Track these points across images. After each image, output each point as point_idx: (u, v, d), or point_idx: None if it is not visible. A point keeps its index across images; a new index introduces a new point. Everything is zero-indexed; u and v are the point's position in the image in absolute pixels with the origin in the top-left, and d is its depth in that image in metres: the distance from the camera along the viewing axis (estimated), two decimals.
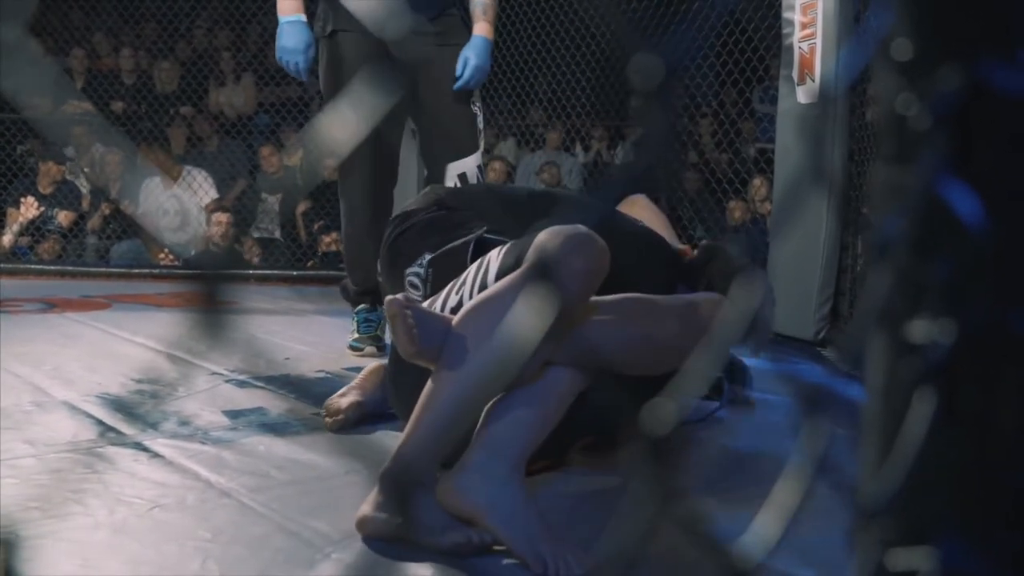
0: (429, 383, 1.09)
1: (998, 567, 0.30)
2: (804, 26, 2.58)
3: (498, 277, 1.20)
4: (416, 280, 1.41)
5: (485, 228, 1.39)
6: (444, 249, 1.39)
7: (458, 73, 2.16)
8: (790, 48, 2.63)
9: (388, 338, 2.32)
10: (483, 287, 1.21)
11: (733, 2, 3.03)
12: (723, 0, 3.09)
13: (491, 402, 1.12)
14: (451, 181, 2.17)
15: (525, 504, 1.03)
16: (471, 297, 1.21)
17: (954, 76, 0.29)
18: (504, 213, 1.45)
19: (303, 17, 2.15)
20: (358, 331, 2.31)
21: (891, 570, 0.31)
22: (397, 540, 1.03)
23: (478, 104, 2.25)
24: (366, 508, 1.04)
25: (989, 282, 0.30)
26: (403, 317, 1.08)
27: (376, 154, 2.14)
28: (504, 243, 1.30)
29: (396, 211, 1.61)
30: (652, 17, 3.54)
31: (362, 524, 1.04)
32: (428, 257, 1.40)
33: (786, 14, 2.66)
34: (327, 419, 1.53)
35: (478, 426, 1.11)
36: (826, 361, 2.34)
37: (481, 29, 2.21)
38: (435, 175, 2.22)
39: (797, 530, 0.33)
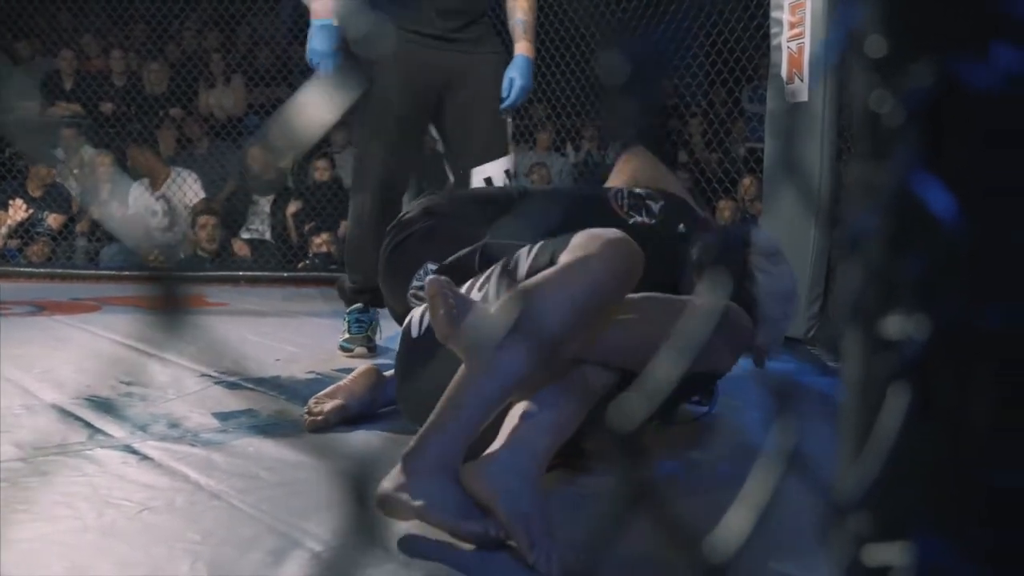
0: (462, 370, 1.10)
1: (973, 562, 0.30)
2: (792, 25, 2.59)
3: (529, 275, 1.21)
4: (422, 293, 1.41)
5: (489, 236, 1.40)
6: (451, 260, 1.39)
7: (504, 94, 2.24)
8: (779, 47, 2.64)
9: (379, 339, 2.33)
10: (511, 285, 1.23)
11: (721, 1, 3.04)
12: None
13: (520, 397, 1.13)
14: (477, 185, 2.20)
15: (536, 498, 1.04)
16: (497, 295, 1.23)
17: (927, 72, 0.29)
18: (486, 217, 1.46)
19: (333, 21, 2.18)
20: (349, 331, 2.31)
21: (866, 565, 0.31)
22: (411, 520, 1.03)
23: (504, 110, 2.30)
24: (388, 486, 1.04)
25: (962, 278, 0.30)
26: (444, 297, 1.10)
27: (392, 159, 2.16)
28: (510, 246, 1.32)
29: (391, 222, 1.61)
30: (640, 17, 3.54)
31: (383, 502, 1.03)
32: (432, 268, 1.41)
33: (774, 13, 2.67)
34: (306, 416, 1.53)
35: (507, 419, 1.12)
36: (816, 359, 2.35)
37: (523, 48, 2.29)
38: (461, 181, 2.25)
39: (772, 525, 0.33)
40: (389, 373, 1.63)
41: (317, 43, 2.14)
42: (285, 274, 4.28)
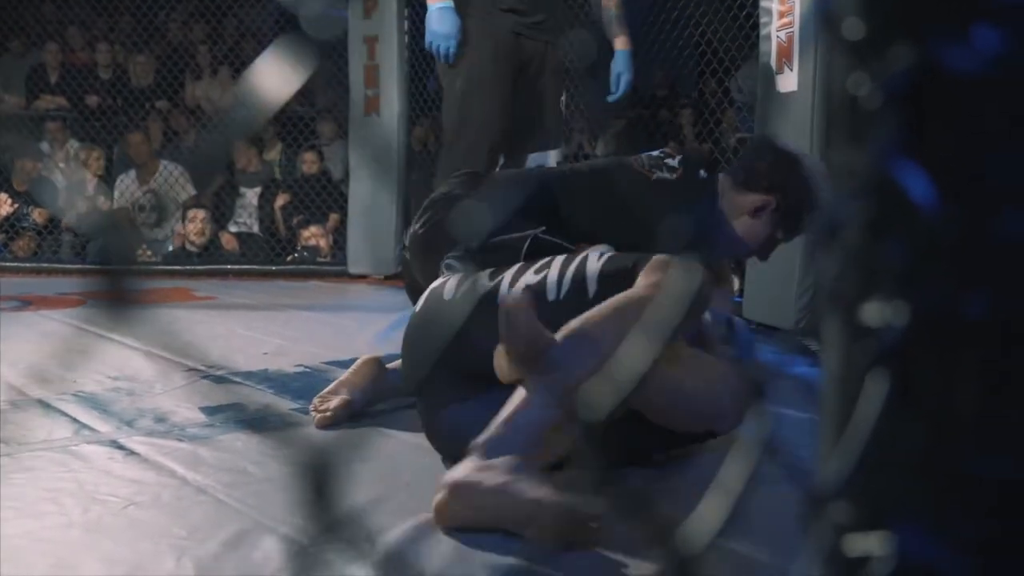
0: (523, 390, 1.08)
1: (953, 552, 0.30)
2: (782, 15, 2.59)
3: (600, 281, 1.22)
4: (456, 264, 1.41)
5: (542, 228, 1.41)
6: (497, 240, 1.39)
7: (612, 88, 2.36)
8: (768, 37, 2.64)
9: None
10: (580, 279, 1.23)
11: None
12: None
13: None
14: None
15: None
16: (559, 280, 1.23)
17: (906, 55, 0.29)
18: (527, 196, 1.48)
19: (451, 3, 2.24)
20: None
21: (846, 555, 0.31)
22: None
23: (563, 101, 2.38)
24: (471, 475, 1.01)
25: (942, 264, 0.30)
26: (527, 313, 1.07)
27: (493, 117, 2.25)
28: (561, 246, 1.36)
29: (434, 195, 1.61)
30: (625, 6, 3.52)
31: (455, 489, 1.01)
32: (474, 245, 1.41)
33: (764, 3, 2.67)
34: (315, 414, 1.52)
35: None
36: (805, 349, 2.35)
37: (622, 43, 2.39)
38: (515, 164, 2.31)
39: (751, 513, 0.33)
40: (393, 365, 1.60)
41: (438, 25, 2.21)
42: (274, 267, 4.25)
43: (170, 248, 4.49)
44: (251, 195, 4.73)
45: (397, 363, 1.53)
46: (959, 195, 0.29)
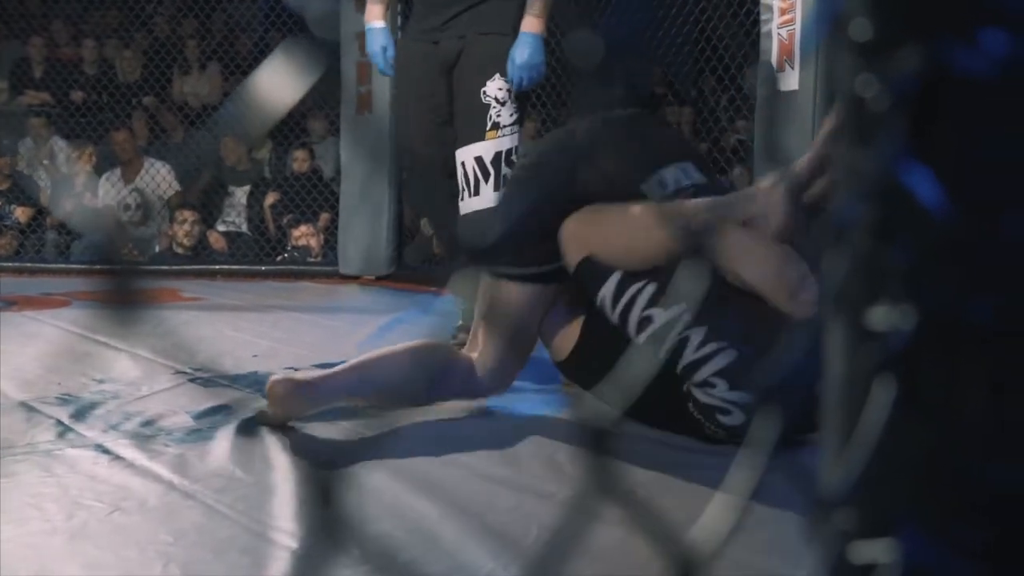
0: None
1: (960, 558, 0.30)
2: (783, 12, 2.58)
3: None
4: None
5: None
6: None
7: (508, 77, 2.17)
8: (769, 34, 2.63)
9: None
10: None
11: None
12: None
13: None
14: (458, 167, 2.21)
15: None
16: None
17: (914, 57, 0.28)
18: None
19: (380, 23, 2.33)
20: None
21: (852, 562, 0.30)
22: None
23: (505, 90, 2.21)
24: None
25: (950, 268, 0.29)
26: None
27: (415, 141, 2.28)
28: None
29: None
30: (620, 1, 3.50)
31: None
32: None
33: (764, 0, 2.66)
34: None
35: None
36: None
37: (528, 24, 2.18)
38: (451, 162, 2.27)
39: (757, 521, 0.33)
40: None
41: (368, 45, 2.33)
42: (263, 268, 4.22)
43: (156, 248, 4.45)
44: (240, 194, 4.69)
45: None
46: (967, 198, 0.29)
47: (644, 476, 1.24)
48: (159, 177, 4.57)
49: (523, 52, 2.15)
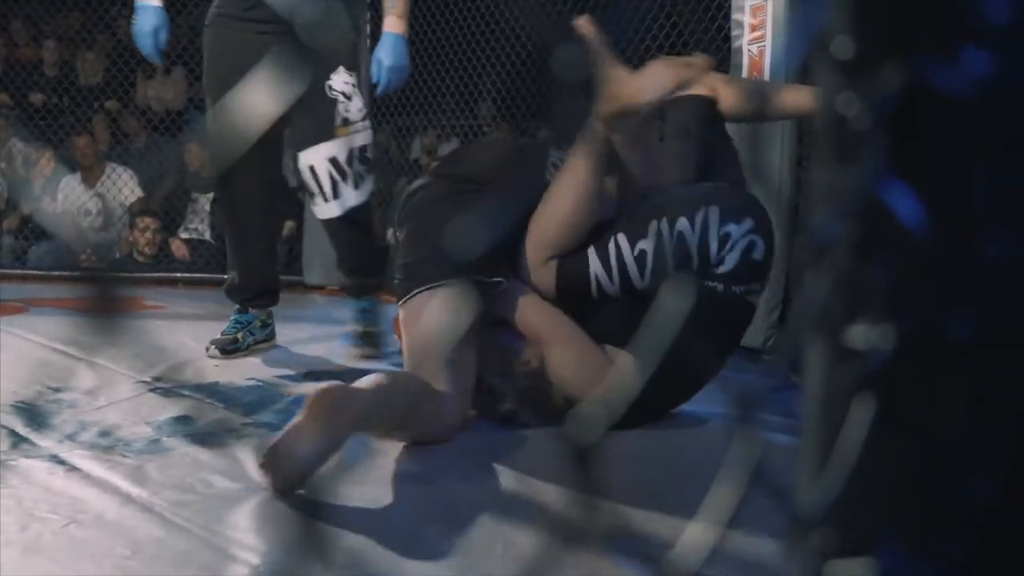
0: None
1: (939, 572, 0.30)
2: (754, 28, 2.58)
3: None
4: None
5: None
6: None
7: (374, 79, 2.07)
8: (739, 50, 2.64)
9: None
10: None
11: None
12: None
13: None
14: (305, 170, 2.09)
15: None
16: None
17: (895, 75, 0.29)
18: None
19: (154, 2, 2.14)
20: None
21: None
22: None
23: (352, 83, 2.07)
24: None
25: (930, 286, 0.29)
26: None
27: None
28: None
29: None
30: (592, 13, 3.52)
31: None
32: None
33: (735, 15, 2.65)
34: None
35: None
36: (775, 370, 2.37)
37: (390, 25, 2.07)
38: (293, 163, 2.15)
39: (735, 540, 0.32)
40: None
41: (137, 24, 2.11)
42: (225, 276, 4.14)
43: (117, 254, 4.36)
44: (204, 200, 4.62)
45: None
46: (947, 216, 0.29)
47: (628, 490, 1.23)
48: (120, 182, 4.48)
49: (391, 54, 2.06)
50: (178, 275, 4.09)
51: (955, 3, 0.28)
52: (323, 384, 1.23)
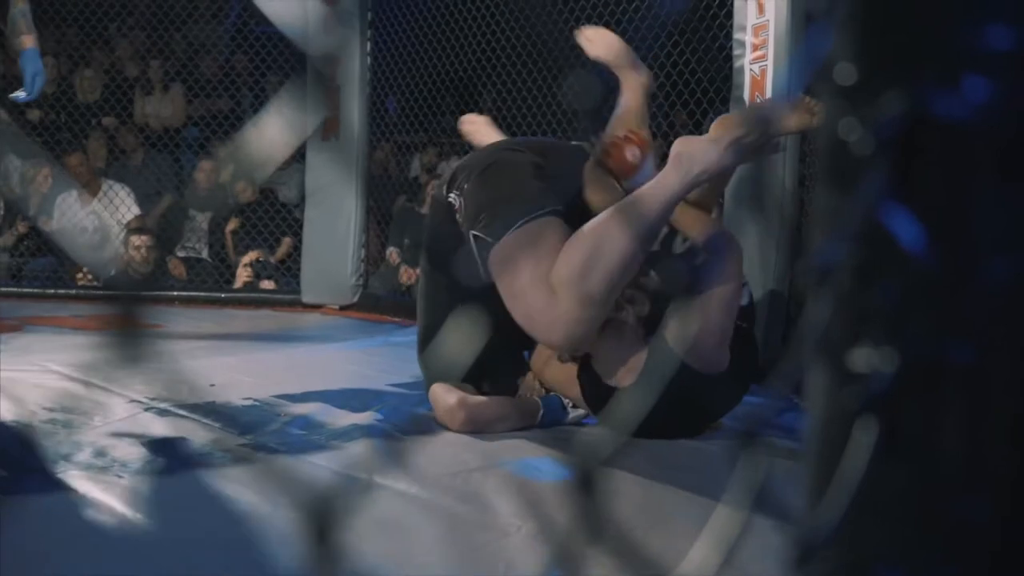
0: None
1: None
2: (756, 48, 2.59)
3: None
4: None
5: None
6: None
7: (27, 89, 2.38)
8: (741, 70, 2.65)
9: None
10: None
11: (677, 13, 3.03)
12: (668, 10, 3.10)
13: None
14: None
15: None
16: None
17: (897, 101, 0.29)
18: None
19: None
20: None
21: None
22: None
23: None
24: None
25: (932, 311, 0.29)
26: None
27: None
28: None
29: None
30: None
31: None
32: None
33: (737, 35, 2.66)
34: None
35: None
36: (777, 392, 2.36)
37: (31, 41, 2.32)
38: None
39: (737, 562, 0.32)
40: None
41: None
42: (223, 295, 4.14)
43: (112, 272, 4.35)
44: (201, 219, 4.62)
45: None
46: (948, 241, 0.29)
47: (634, 513, 1.22)
48: (117, 200, 4.48)
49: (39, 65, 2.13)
50: (175, 293, 4.09)
51: (956, 30, 0.28)
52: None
